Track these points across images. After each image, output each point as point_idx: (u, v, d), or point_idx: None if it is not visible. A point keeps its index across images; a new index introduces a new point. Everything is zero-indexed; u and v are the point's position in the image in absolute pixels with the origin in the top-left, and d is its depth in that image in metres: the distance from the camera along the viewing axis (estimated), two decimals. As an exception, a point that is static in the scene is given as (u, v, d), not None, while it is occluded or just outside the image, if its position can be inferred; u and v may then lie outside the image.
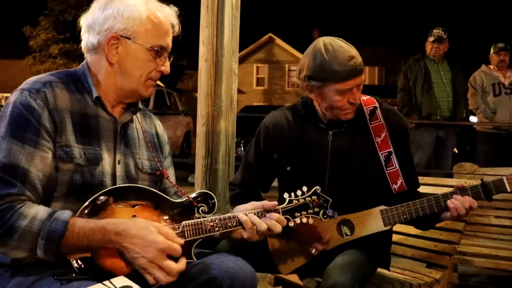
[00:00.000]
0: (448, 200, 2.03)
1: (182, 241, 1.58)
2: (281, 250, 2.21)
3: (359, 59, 2.05)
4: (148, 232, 1.51)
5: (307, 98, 2.26)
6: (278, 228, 1.71)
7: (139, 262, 1.50)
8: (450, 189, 2.09)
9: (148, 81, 1.72)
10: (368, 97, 2.24)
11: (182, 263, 1.56)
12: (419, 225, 2.28)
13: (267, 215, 1.72)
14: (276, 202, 1.76)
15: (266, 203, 1.75)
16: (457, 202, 2.02)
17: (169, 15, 1.75)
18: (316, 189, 1.82)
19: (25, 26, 23.87)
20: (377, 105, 2.20)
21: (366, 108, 2.19)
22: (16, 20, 27.63)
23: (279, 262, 2.21)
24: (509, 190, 2.00)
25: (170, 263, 1.52)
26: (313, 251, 2.10)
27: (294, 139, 2.20)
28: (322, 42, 2.08)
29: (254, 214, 1.71)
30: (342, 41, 2.08)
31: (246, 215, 1.70)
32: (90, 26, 1.69)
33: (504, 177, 2.02)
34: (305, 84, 2.13)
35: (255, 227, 1.69)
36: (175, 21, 1.77)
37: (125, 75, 1.69)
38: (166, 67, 1.74)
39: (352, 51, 2.05)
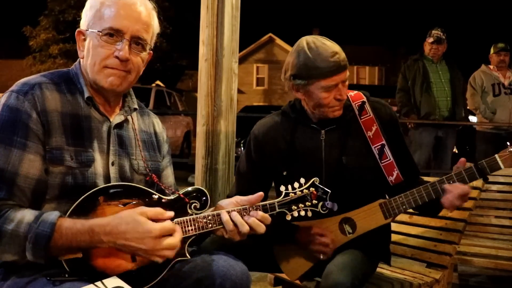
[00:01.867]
0: (443, 195, 2.03)
1: (172, 213, 1.57)
2: (287, 256, 2.20)
3: (342, 55, 2.05)
4: (137, 224, 1.48)
5: (295, 101, 2.26)
6: (261, 228, 1.66)
7: (141, 253, 1.50)
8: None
9: (105, 70, 1.62)
10: (356, 92, 2.24)
11: (178, 233, 1.55)
12: (424, 213, 2.30)
13: (251, 213, 1.66)
14: (261, 193, 1.70)
15: (251, 196, 1.70)
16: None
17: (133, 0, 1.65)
18: (314, 180, 1.76)
19: (25, 26, 23.84)
20: (364, 99, 2.21)
21: (355, 104, 2.20)
22: (16, 20, 27.66)
23: (286, 268, 2.21)
24: (502, 167, 2.02)
25: (169, 240, 1.51)
26: (320, 256, 2.09)
27: (286, 143, 2.18)
28: (305, 40, 2.09)
29: (237, 211, 1.66)
30: (325, 39, 2.09)
31: (229, 214, 1.65)
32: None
33: (496, 155, 2.03)
34: (291, 84, 2.13)
35: (236, 228, 1.65)
36: (141, 8, 1.66)
37: (86, 66, 1.66)
38: (120, 51, 1.60)
39: (335, 47, 2.06)
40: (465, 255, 3.21)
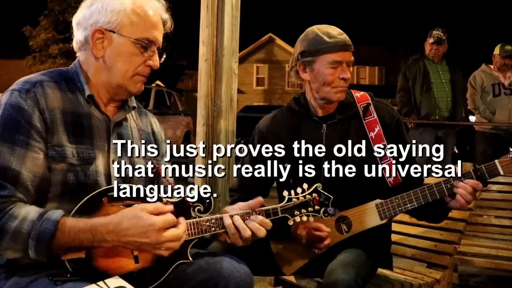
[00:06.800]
0: (454, 189, 2.00)
1: (171, 207, 1.57)
2: (284, 251, 2.21)
3: (348, 39, 2.17)
4: (139, 219, 1.48)
5: (299, 96, 2.33)
6: (261, 232, 1.67)
7: (147, 248, 1.50)
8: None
9: (135, 77, 1.69)
10: (362, 93, 2.28)
11: (182, 225, 1.56)
12: (428, 218, 2.28)
13: (251, 217, 1.68)
14: (261, 198, 1.73)
15: (251, 201, 1.71)
16: (461, 190, 2.00)
17: (157, 8, 1.72)
18: (317, 186, 1.78)
19: (25, 26, 23.87)
20: (370, 101, 2.25)
21: (360, 105, 2.24)
22: (16, 20, 27.63)
23: (282, 263, 2.21)
24: (502, 173, 1.98)
25: (173, 231, 1.52)
26: (316, 251, 2.10)
27: (289, 137, 2.22)
28: (313, 26, 2.22)
29: (240, 215, 1.67)
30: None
31: (232, 218, 1.66)
32: (78, 23, 1.69)
33: (496, 160, 1.99)
34: (298, 63, 2.21)
35: (238, 232, 1.66)
36: (165, 16, 1.74)
37: (110, 69, 1.67)
38: (154, 61, 1.70)
39: (342, 31, 2.19)
40: (465, 255, 3.21)
